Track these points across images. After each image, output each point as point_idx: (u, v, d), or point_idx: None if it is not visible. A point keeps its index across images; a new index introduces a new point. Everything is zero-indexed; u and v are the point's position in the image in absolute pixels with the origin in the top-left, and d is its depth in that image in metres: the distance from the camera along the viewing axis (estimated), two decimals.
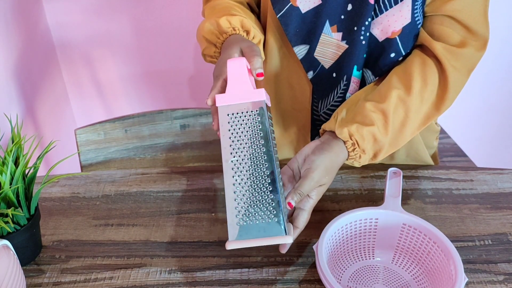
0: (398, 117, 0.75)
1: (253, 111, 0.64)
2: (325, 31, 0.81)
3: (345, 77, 0.83)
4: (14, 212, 0.65)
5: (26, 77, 1.33)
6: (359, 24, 0.78)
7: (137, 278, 0.70)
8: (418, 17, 0.77)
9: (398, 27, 0.77)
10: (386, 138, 0.75)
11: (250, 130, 0.64)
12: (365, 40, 0.79)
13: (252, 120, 0.64)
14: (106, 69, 1.69)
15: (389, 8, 0.77)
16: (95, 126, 1.11)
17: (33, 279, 0.70)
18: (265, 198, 0.63)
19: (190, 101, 1.78)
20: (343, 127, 0.73)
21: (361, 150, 0.74)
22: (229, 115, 0.64)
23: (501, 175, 0.90)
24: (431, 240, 0.69)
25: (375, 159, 0.77)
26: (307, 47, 0.83)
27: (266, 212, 0.63)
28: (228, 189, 0.63)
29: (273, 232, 0.62)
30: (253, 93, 0.64)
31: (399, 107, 0.75)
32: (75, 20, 1.57)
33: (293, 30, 0.82)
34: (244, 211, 0.62)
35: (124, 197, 0.86)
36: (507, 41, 1.66)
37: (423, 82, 0.76)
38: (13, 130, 0.71)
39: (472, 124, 1.88)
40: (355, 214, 0.72)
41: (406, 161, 0.96)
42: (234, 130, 0.64)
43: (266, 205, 0.63)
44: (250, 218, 0.62)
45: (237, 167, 0.63)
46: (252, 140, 0.64)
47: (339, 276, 0.70)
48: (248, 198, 0.63)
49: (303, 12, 0.81)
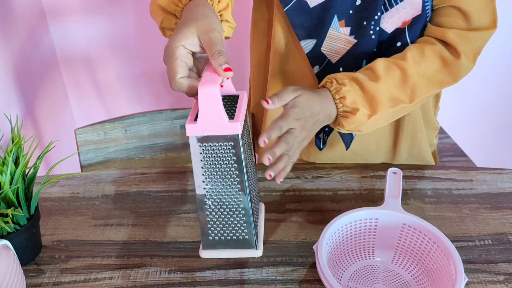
0: (393, 74, 0.75)
1: (227, 144, 0.59)
2: (333, 25, 0.80)
3: (354, 71, 0.82)
4: (14, 212, 0.65)
5: (26, 77, 1.33)
6: (368, 19, 0.78)
7: (137, 278, 0.70)
8: (429, 10, 0.77)
9: (409, 17, 0.77)
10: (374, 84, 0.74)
11: (222, 161, 0.61)
12: (374, 35, 0.79)
13: (225, 151, 0.60)
14: (106, 69, 1.69)
15: (399, 2, 0.76)
16: (95, 126, 1.10)
17: (33, 279, 0.70)
18: (238, 220, 0.64)
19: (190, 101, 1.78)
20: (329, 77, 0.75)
21: (340, 84, 0.73)
22: (200, 146, 0.60)
23: (501, 175, 0.90)
24: (431, 240, 0.69)
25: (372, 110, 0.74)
26: (314, 41, 0.83)
27: (238, 231, 0.65)
28: (201, 213, 0.64)
29: (243, 246, 0.65)
30: (227, 126, 0.58)
31: (392, 67, 0.76)
32: (75, 20, 1.56)
33: (300, 24, 0.81)
34: (218, 230, 0.65)
35: (123, 197, 0.86)
36: (507, 41, 1.66)
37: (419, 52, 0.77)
38: (13, 130, 0.71)
39: (472, 124, 1.88)
40: (355, 214, 0.72)
41: (407, 160, 0.96)
42: (206, 160, 0.61)
43: (238, 226, 0.65)
44: (222, 235, 0.65)
45: (209, 194, 0.63)
46: (226, 170, 0.61)
47: (339, 276, 0.70)
48: (222, 219, 0.64)
49: (311, 6, 0.80)
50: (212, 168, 0.61)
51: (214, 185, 0.62)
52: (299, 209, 0.82)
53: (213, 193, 0.63)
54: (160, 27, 0.76)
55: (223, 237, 0.65)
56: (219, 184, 0.62)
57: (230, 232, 0.65)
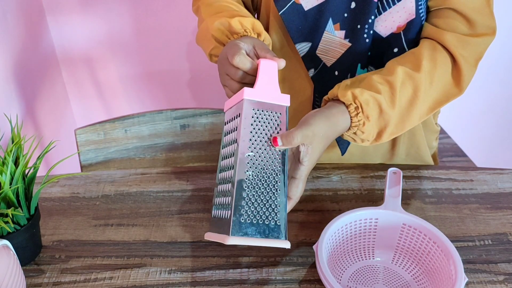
0: (406, 93, 0.73)
1: (276, 113, 0.65)
2: (328, 29, 0.81)
3: (349, 75, 0.82)
4: (14, 212, 0.65)
5: (26, 77, 1.33)
6: (362, 22, 0.78)
7: (137, 278, 0.70)
8: (423, 13, 0.77)
9: (403, 22, 0.77)
10: (393, 111, 0.71)
11: (270, 130, 0.65)
12: (368, 38, 0.79)
13: (273, 121, 0.65)
14: (106, 69, 1.69)
15: (392, 5, 0.76)
16: (95, 126, 1.11)
17: (33, 279, 0.70)
18: (273, 199, 0.63)
19: (190, 101, 1.78)
20: (347, 90, 0.70)
21: (365, 116, 0.70)
22: (254, 109, 0.64)
23: (501, 175, 0.90)
24: (431, 240, 0.69)
25: (379, 138, 0.74)
26: (309, 45, 0.83)
27: (271, 214, 0.63)
28: (238, 184, 0.62)
29: (273, 235, 0.62)
30: (280, 96, 0.66)
31: (407, 82, 0.72)
32: (75, 20, 1.56)
33: (295, 27, 0.81)
34: (251, 209, 0.62)
35: (124, 197, 0.86)
36: (507, 41, 1.66)
37: (432, 63, 0.74)
38: (13, 130, 0.71)
39: (472, 124, 1.88)
40: (355, 214, 0.72)
41: (406, 160, 0.96)
42: (256, 125, 0.64)
43: (272, 207, 0.63)
44: (255, 217, 0.62)
45: (252, 163, 0.63)
46: (271, 140, 0.64)
47: (339, 276, 0.70)
48: (258, 197, 0.62)
49: (306, 9, 0.80)
50: (260, 133, 0.64)
51: (259, 153, 0.63)
52: (299, 209, 0.82)
53: (256, 161, 0.63)
54: (209, 54, 0.82)
55: (255, 220, 0.62)
56: (262, 153, 0.64)
57: (264, 214, 0.62)
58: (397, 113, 0.72)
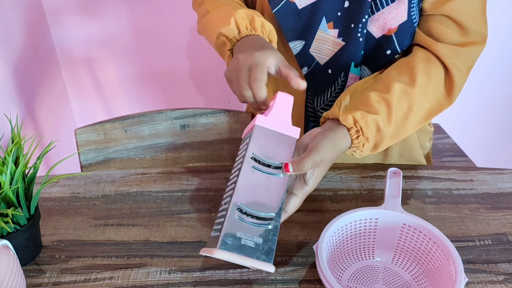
0: (402, 109, 0.74)
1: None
2: (321, 27, 0.81)
3: (342, 73, 0.83)
4: (14, 212, 0.65)
5: (26, 77, 1.33)
6: (356, 21, 0.78)
7: (137, 278, 0.70)
8: (415, 16, 0.77)
9: (395, 24, 0.77)
10: (389, 128, 0.74)
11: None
12: (362, 37, 0.79)
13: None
14: (106, 69, 1.69)
15: (385, 6, 0.77)
16: (95, 126, 1.10)
17: (33, 279, 0.70)
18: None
19: (190, 101, 1.78)
20: (347, 113, 0.71)
21: (365, 138, 0.72)
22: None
23: (501, 175, 0.90)
24: (431, 240, 0.69)
25: (375, 150, 0.75)
26: (302, 43, 0.83)
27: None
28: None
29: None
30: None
31: (403, 99, 0.74)
32: (75, 21, 1.57)
33: (288, 25, 0.82)
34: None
35: (124, 197, 0.86)
36: (507, 41, 1.66)
37: (427, 76, 0.75)
38: (13, 130, 0.71)
39: (472, 124, 1.88)
40: (355, 214, 0.72)
41: (399, 161, 0.96)
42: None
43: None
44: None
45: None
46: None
47: (339, 276, 0.70)
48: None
49: (300, 8, 0.80)
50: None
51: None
52: (299, 209, 0.81)
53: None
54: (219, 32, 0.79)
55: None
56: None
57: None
58: (393, 128, 0.74)
